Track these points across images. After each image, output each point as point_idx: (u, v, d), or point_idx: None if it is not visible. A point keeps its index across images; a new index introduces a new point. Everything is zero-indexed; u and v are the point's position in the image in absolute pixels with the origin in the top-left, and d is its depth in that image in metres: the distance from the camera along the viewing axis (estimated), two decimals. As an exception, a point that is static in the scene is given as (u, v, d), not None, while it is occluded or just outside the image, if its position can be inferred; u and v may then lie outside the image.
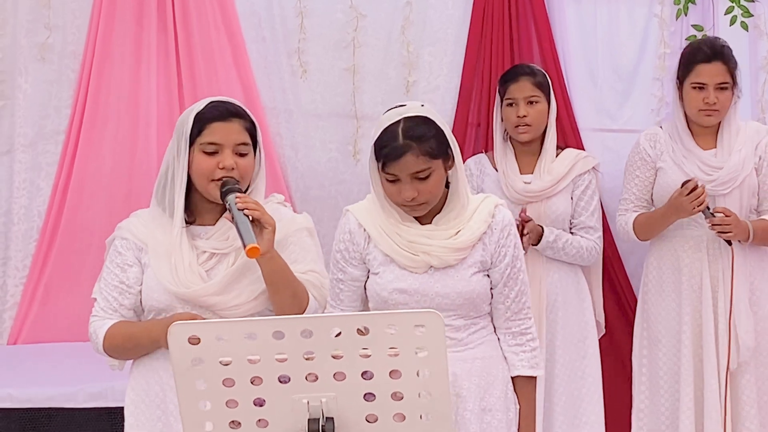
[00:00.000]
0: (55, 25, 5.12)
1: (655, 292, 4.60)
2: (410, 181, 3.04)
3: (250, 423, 2.40)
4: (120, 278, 3.16)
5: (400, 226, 3.13)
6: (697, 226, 4.48)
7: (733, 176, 4.46)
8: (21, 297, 5.10)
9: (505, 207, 3.19)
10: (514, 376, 3.19)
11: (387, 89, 5.16)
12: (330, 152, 5.23)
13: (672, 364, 4.54)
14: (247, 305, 3.11)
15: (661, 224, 4.51)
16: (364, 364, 2.35)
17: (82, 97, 5.08)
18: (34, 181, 5.14)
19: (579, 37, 5.21)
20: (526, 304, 3.18)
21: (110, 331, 3.12)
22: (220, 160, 3.08)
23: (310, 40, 5.19)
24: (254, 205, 3.01)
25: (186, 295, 3.08)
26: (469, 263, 3.11)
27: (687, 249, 4.52)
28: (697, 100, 4.44)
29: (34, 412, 4.29)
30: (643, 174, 4.59)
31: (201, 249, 3.14)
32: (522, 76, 4.59)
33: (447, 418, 2.43)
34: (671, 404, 4.55)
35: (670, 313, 4.55)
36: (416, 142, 3.01)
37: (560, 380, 4.56)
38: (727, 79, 4.43)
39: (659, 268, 4.59)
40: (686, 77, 4.48)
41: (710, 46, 4.49)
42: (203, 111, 3.12)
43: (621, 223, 4.64)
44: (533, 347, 3.19)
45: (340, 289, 3.21)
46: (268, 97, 5.20)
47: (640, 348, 4.65)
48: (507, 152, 4.69)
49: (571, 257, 4.56)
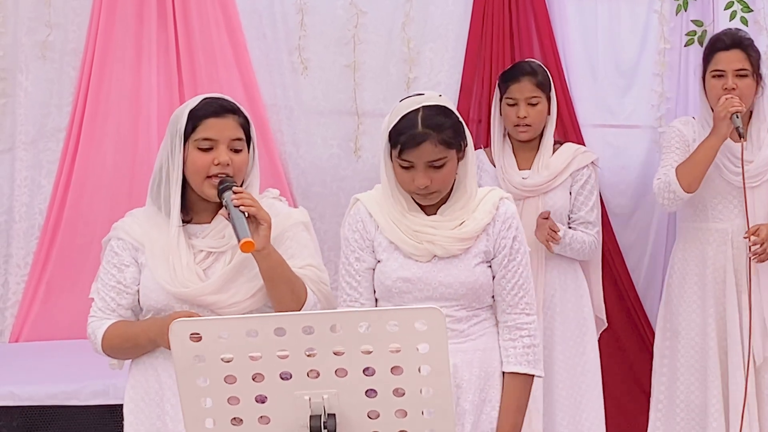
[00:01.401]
0: (56, 23, 5.12)
1: (678, 285, 4.61)
2: (425, 169, 3.05)
3: (252, 420, 2.40)
4: (117, 278, 3.15)
5: (406, 215, 3.13)
6: (722, 220, 4.49)
7: (763, 170, 4.46)
8: (22, 295, 5.10)
9: (510, 200, 3.20)
10: (504, 372, 3.18)
11: (388, 86, 5.16)
12: (331, 149, 5.23)
13: (690, 357, 4.55)
14: (245, 303, 3.10)
15: (703, 157, 4.39)
16: (365, 361, 2.36)
17: (83, 95, 5.08)
18: (36, 178, 5.14)
19: (579, 32, 5.22)
20: (524, 299, 3.16)
21: (108, 332, 3.12)
22: (215, 156, 3.07)
23: (311, 37, 5.19)
24: (250, 201, 3.01)
25: (184, 295, 3.07)
26: (473, 254, 3.12)
27: (712, 242, 4.52)
28: (717, 87, 4.44)
29: (35, 410, 4.28)
30: (682, 147, 4.53)
31: (198, 248, 3.13)
32: (523, 77, 4.57)
33: (449, 413, 2.44)
34: (686, 396, 4.55)
35: (691, 305, 4.56)
36: (435, 130, 3.03)
37: (559, 376, 4.55)
38: (745, 65, 4.42)
39: (684, 260, 4.59)
40: (707, 68, 4.49)
41: (729, 35, 4.51)
42: (197, 107, 3.11)
43: (661, 179, 4.49)
44: (528, 344, 3.15)
45: (357, 281, 3.19)
46: (269, 95, 5.20)
47: (663, 339, 4.65)
48: (505, 148, 4.69)
49: (575, 252, 4.56)
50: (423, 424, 2.42)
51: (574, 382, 4.58)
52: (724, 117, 4.30)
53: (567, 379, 4.57)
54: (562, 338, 4.56)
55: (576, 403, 4.58)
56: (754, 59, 4.45)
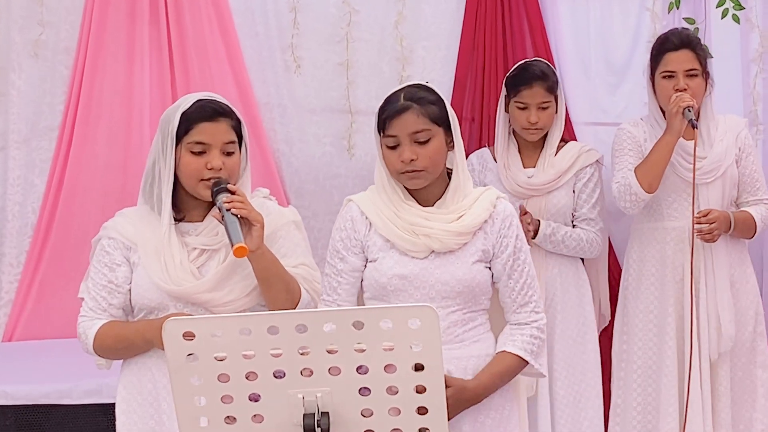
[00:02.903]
0: (48, 22, 5.12)
1: (635, 287, 4.60)
2: (410, 143, 3.03)
3: (245, 418, 2.40)
4: (108, 278, 3.15)
5: (402, 205, 3.09)
6: (677, 218, 4.50)
7: (716, 166, 4.47)
8: (15, 294, 5.10)
9: (506, 200, 3.17)
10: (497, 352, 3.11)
11: (381, 84, 5.16)
12: (324, 147, 5.23)
13: (647, 359, 4.54)
14: (240, 301, 3.11)
15: (660, 155, 4.39)
16: (358, 359, 2.36)
17: (75, 94, 5.08)
18: (28, 177, 5.14)
19: (572, 30, 5.22)
20: (533, 298, 3.11)
21: (101, 332, 3.12)
22: (208, 161, 3.08)
23: (304, 35, 5.19)
24: (241, 204, 3.01)
25: (178, 293, 3.08)
26: (471, 251, 3.08)
27: (669, 241, 4.52)
28: (668, 88, 4.43)
29: (29, 409, 4.28)
30: (634, 148, 4.53)
31: (191, 246, 3.13)
32: (536, 82, 4.55)
33: (442, 412, 2.44)
34: (643, 399, 4.55)
35: (648, 306, 4.55)
36: (417, 102, 3.04)
37: (559, 374, 4.56)
38: (695, 65, 4.42)
39: (640, 261, 4.59)
40: (656, 68, 4.49)
41: (677, 35, 4.50)
42: (190, 110, 3.10)
43: (620, 183, 4.47)
44: (534, 335, 3.09)
45: (338, 282, 3.14)
46: (261, 93, 5.20)
47: (620, 344, 4.64)
48: (510, 146, 4.69)
49: (571, 250, 4.57)
50: (416, 422, 2.43)
51: (574, 381, 4.59)
52: (677, 113, 4.32)
53: (567, 377, 4.58)
54: (563, 336, 4.56)
55: (575, 401, 4.59)
56: (702, 58, 4.45)
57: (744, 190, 4.55)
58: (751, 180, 4.55)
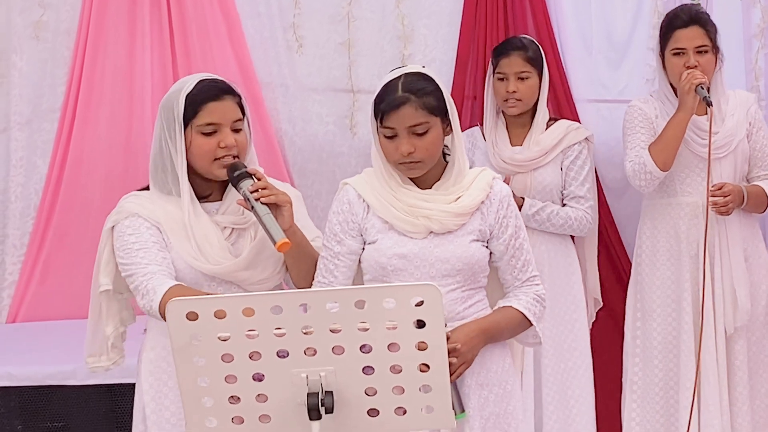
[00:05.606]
0: (49, 3, 5.11)
1: (649, 263, 4.59)
2: (407, 136, 3.03)
3: (250, 398, 2.41)
4: (159, 246, 3.07)
5: (400, 189, 3.10)
6: (691, 193, 4.49)
7: (729, 140, 4.46)
8: (19, 275, 5.11)
9: (501, 180, 3.20)
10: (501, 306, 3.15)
11: (382, 63, 5.14)
12: (327, 126, 5.22)
13: (667, 334, 4.55)
14: (273, 278, 3.17)
15: (674, 133, 4.38)
16: (362, 338, 2.36)
17: (77, 75, 5.08)
18: (31, 159, 5.14)
19: (573, 7, 5.19)
20: (534, 273, 3.17)
21: (171, 291, 2.95)
22: (220, 139, 3.09)
23: (305, 15, 5.18)
24: (267, 191, 3.01)
25: (217, 272, 3.09)
26: (468, 230, 3.10)
27: (683, 216, 4.51)
28: (679, 65, 4.43)
29: (33, 391, 4.30)
30: (646, 126, 4.52)
31: (222, 225, 3.15)
32: (513, 51, 4.55)
33: (445, 390, 2.45)
34: (665, 374, 4.55)
35: (665, 282, 4.55)
36: (415, 95, 3.02)
37: (547, 352, 4.55)
38: (705, 41, 4.41)
39: (654, 237, 4.58)
40: (666, 46, 4.48)
41: (686, 11, 4.49)
42: (194, 92, 3.10)
43: (634, 161, 4.45)
44: (538, 298, 3.14)
45: (335, 264, 3.15)
46: (264, 72, 5.19)
47: (634, 320, 4.64)
48: (498, 124, 4.68)
49: (558, 228, 4.55)
50: (420, 400, 2.43)
51: (563, 359, 4.58)
52: (689, 90, 4.31)
53: (555, 356, 4.57)
54: (551, 314, 4.52)
55: (564, 381, 4.58)
56: (712, 34, 4.44)
57: (755, 165, 4.55)
58: (762, 154, 4.55)
